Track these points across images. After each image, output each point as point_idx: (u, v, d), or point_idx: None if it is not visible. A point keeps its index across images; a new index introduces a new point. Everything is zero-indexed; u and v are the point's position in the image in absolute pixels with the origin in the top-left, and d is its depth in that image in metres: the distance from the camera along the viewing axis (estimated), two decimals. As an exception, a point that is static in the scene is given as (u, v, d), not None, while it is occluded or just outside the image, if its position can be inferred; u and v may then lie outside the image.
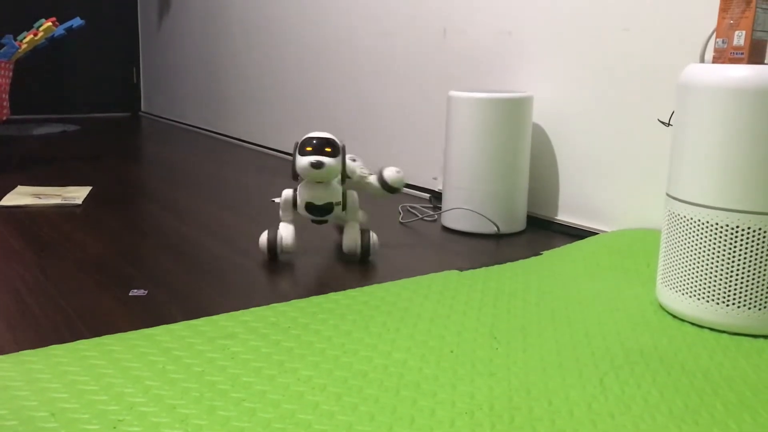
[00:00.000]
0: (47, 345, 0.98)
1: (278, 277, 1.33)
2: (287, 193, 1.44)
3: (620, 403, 0.86)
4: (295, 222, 1.47)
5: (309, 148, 1.35)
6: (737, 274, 1.07)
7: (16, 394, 0.83)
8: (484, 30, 1.87)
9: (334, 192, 1.40)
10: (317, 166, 1.33)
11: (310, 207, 1.40)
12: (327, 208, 1.40)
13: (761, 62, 1.12)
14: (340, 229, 1.57)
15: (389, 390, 0.87)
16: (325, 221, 1.43)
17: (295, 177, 1.41)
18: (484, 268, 1.37)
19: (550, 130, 1.73)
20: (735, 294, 1.08)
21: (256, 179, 2.32)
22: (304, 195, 1.40)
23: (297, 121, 2.72)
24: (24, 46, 2.32)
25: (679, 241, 1.14)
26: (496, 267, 1.38)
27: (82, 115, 4.08)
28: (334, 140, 1.37)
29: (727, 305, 1.09)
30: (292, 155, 1.39)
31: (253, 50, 2.99)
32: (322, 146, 1.35)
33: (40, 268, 1.35)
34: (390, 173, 1.50)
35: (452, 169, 1.69)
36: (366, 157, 2.34)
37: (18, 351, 0.96)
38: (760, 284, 1.07)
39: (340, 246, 1.55)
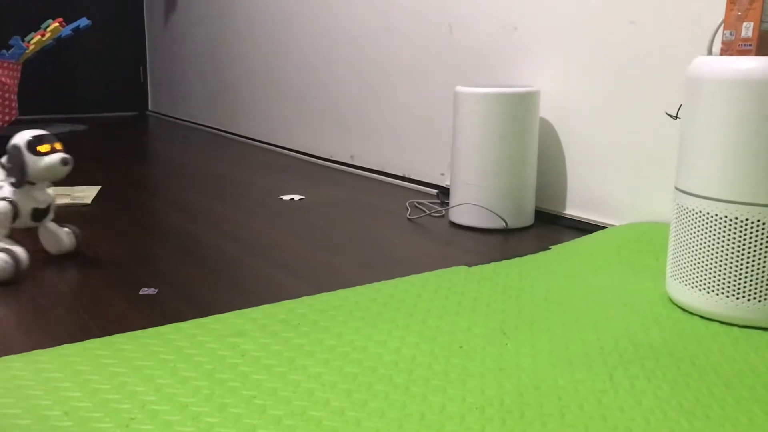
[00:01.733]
0: (59, 344, 0.99)
1: (286, 274, 1.34)
2: (5, 205, 1.30)
3: (630, 397, 0.86)
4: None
5: (46, 147, 1.31)
6: (747, 267, 1.07)
7: (29, 393, 0.84)
8: (490, 25, 1.87)
9: (50, 194, 1.37)
10: (68, 162, 1.32)
11: (37, 213, 1.36)
12: (47, 211, 1.38)
13: (769, 54, 1.11)
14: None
15: (399, 386, 0.88)
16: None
17: (22, 183, 1.31)
18: (492, 264, 1.37)
19: (557, 124, 1.73)
20: (745, 287, 1.08)
21: (263, 177, 2.32)
22: (29, 201, 1.33)
23: (304, 118, 2.72)
24: (31, 46, 2.33)
25: (688, 235, 1.13)
26: (504, 262, 1.38)
27: (89, 115, 4.10)
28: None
29: (737, 298, 1.08)
30: (14, 157, 1.29)
31: (259, 48, 2.99)
32: (56, 142, 1.33)
33: (50, 267, 1.36)
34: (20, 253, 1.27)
35: (460, 165, 1.69)
36: (374, 154, 2.35)
37: (30, 350, 0.97)
38: (770, 277, 1.06)
39: (347, 242, 1.55)
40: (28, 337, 1.03)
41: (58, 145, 1.33)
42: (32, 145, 1.31)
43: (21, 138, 1.32)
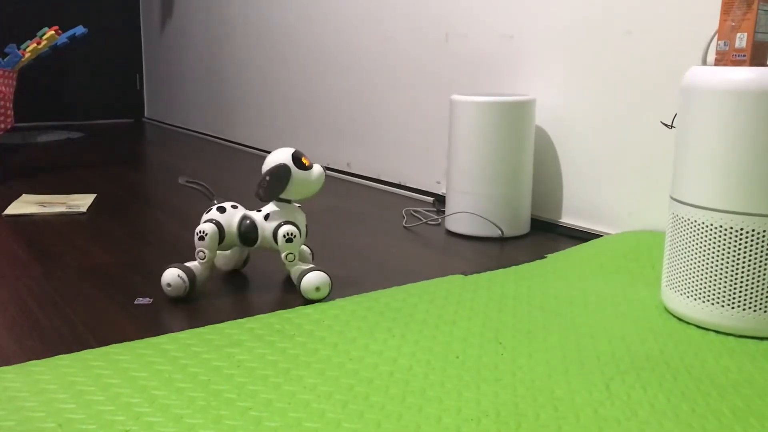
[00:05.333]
0: (54, 355, 0.99)
1: (282, 283, 1.33)
2: (292, 229, 1.24)
3: (626, 408, 0.86)
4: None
5: (305, 160, 1.27)
6: (742, 277, 1.07)
7: (23, 405, 0.84)
8: (486, 34, 1.87)
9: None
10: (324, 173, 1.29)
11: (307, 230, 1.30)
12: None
13: (763, 64, 1.11)
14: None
15: (395, 397, 0.87)
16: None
17: (270, 198, 1.25)
18: (488, 272, 1.37)
19: (553, 133, 1.73)
20: (740, 296, 1.08)
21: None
22: (300, 219, 1.29)
23: (300, 125, 2.72)
24: (27, 54, 2.32)
25: (683, 244, 1.14)
26: (500, 271, 1.38)
27: (85, 122, 4.10)
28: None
29: (732, 308, 1.08)
30: (275, 175, 1.23)
31: (255, 55, 2.99)
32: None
33: (45, 277, 1.35)
34: (309, 283, 1.21)
35: (456, 173, 1.69)
36: (370, 161, 2.35)
37: (25, 361, 0.97)
38: (764, 286, 1.06)
39: (342, 250, 1.55)
40: (23, 347, 1.03)
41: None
42: (297, 160, 1.26)
43: (283, 155, 1.25)
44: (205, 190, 1.32)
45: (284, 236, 1.24)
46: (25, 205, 1.94)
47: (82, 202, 2.00)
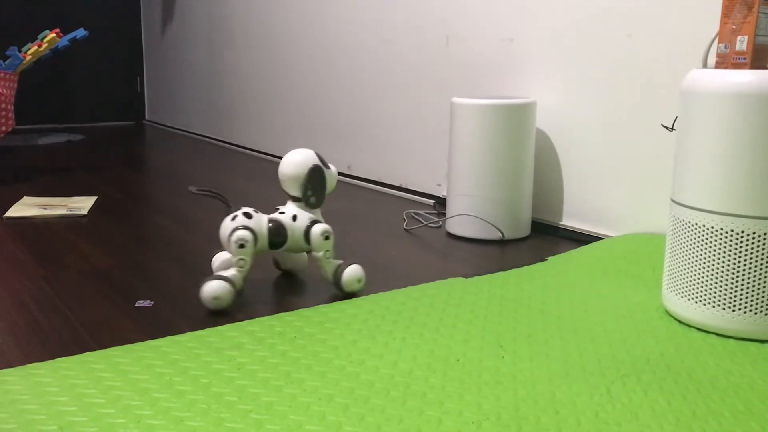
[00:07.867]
0: (54, 357, 0.99)
1: (283, 286, 1.34)
2: (325, 228, 1.26)
3: (627, 411, 0.86)
4: None
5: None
6: (743, 279, 1.07)
7: (24, 408, 0.84)
8: (487, 37, 1.88)
9: None
10: None
11: None
12: None
13: (764, 67, 1.11)
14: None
15: (396, 400, 0.87)
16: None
17: (321, 202, 1.28)
18: (489, 275, 1.37)
19: (553, 135, 1.73)
20: (741, 299, 1.08)
21: (260, 187, 2.32)
22: (321, 218, 1.31)
23: (300, 128, 2.72)
24: (28, 57, 2.33)
25: (684, 247, 1.14)
26: (501, 273, 1.38)
27: (86, 125, 4.10)
28: None
29: (734, 310, 1.08)
30: (317, 180, 1.27)
31: (255, 59, 3.00)
32: None
33: (46, 279, 1.35)
34: (352, 276, 1.26)
35: (456, 176, 1.69)
36: (371, 164, 2.35)
37: (25, 364, 0.97)
38: (765, 289, 1.06)
39: (343, 253, 1.55)
40: (24, 350, 1.03)
41: None
42: (321, 159, 1.28)
43: (311, 156, 1.28)
44: (219, 197, 1.30)
45: (322, 234, 1.26)
46: (25, 207, 1.94)
47: (83, 204, 2.00)
